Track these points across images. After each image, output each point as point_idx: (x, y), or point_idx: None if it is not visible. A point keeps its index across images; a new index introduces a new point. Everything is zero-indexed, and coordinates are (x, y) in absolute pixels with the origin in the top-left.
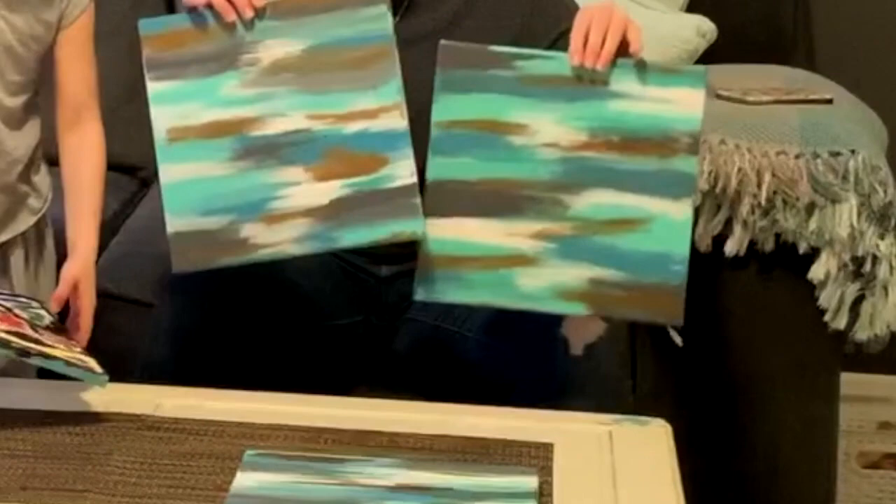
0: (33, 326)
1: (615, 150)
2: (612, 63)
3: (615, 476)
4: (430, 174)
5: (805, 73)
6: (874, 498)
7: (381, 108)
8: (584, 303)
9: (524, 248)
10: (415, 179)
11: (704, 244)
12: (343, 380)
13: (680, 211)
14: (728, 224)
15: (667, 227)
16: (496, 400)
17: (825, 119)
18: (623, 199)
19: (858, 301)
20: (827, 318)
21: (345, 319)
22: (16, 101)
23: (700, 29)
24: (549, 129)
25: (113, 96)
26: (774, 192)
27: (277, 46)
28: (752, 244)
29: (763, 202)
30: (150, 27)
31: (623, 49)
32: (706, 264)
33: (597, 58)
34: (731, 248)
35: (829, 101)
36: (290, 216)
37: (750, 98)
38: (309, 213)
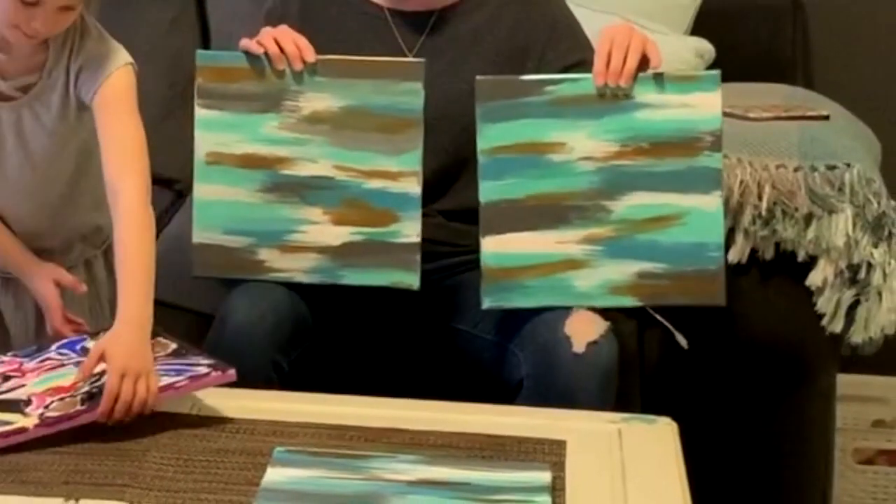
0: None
1: (645, 156)
2: (634, 78)
3: (624, 471)
4: (483, 197)
5: (803, 91)
6: (868, 492)
7: (400, 172)
8: (634, 295)
9: (574, 253)
10: (419, 240)
11: None
12: (374, 376)
13: (711, 203)
14: (731, 233)
15: (700, 219)
16: (507, 395)
17: (822, 134)
18: (658, 199)
19: (854, 306)
20: (824, 322)
21: (378, 324)
22: (67, 174)
23: (699, 50)
24: (584, 143)
25: (150, 115)
26: (774, 203)
27: (319, 100)
28: (754, 252)
29: (764, 213)
30: (206, 59)
31: (643, 65)
32: None
33: (619, 76)
34: (733, 255)
35: (826, 118)
36: (304, 249)
37: (751, 115)
38: (321, 249)
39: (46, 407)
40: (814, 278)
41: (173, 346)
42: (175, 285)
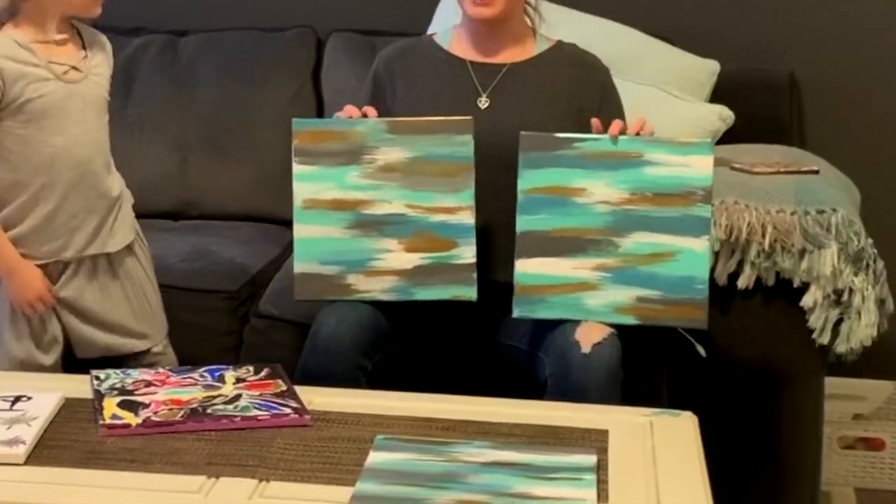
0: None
1: (650, 203)
2: (643, 141)
3: (655, 455)
4: (519, 228)
5: (798, 150)
6: (850, 471)
7: (458, 207)
8: (633, 315)
9: (588, 278)
10: (474, 260)
11: (722, 280)
12: (438, 375)
13: (700, 245)
14: (740, 264)
15: (691, 257)
16: (537, 391)
17: (813, 185)
18: (658, 239)
19: (838, 323)
20: (814, 335)
21: (451, 338)
22: (107, 142)
23: (721, 115)
24: (601, 190)
25: (274, 171)
26: (775, 241)
27: (391, 153)
28: (758, 280)
29: (766, 248)
30: (301, 125)
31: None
32: (723, 295)
33: (628, 130)
34: (742, 282)
35: (816, 172)
36: (383, 273)
37: (756, 170)
38: (397, 272)
39: (155, 413)
40: (806, 300)
41: (283, 387)
42: (295, 307)
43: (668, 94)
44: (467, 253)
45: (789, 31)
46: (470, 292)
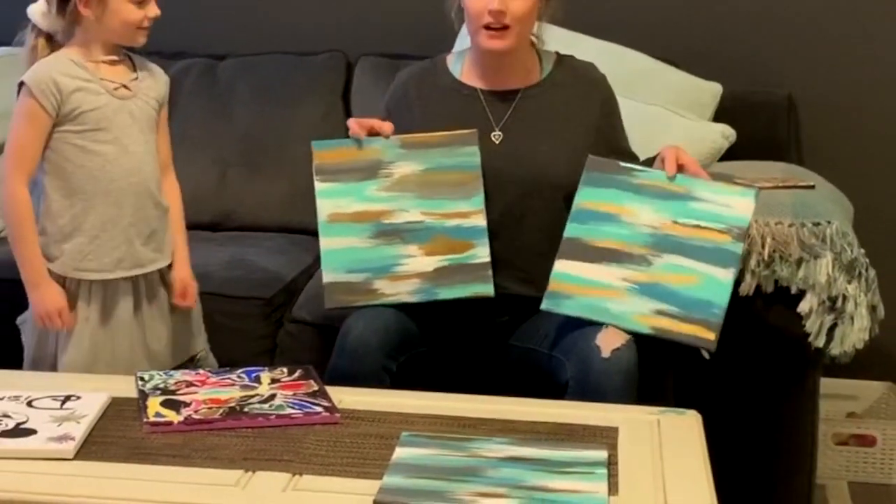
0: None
1: (689, 232)
2: (695, 182)
3: (662, 451)
4: (567, 233)
5: (796, 167)
6: (843, 466)
7: (470, 211)
8: (649, 326)
9: (617, 285)
10: (489, 259)
11: None
12: (462, 378)
13: (725, 275)
14: (741, 273)
15: (714, 284)
16: (556, 392)
17: (810, 199)
18: (688, 263)
19: (833, 327)
20: (810, 339)
21: (471, 341)
22: (155, 159)
23: (724, 133)
24: (648, 215)
25: (306, 185)
26: (774, 251)
27: (405, 166)
28: (758, 287)
29: (766, 258)
30: (320, 146)
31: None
32: None
33: (678, 170)
34: (743, 289)
35: (812, 187)
36: (407, 277)
37: (756, 185)
38: (419, 275)
39: (195, 411)
40: (803, 306)
41: (315, 387)
42: (325, 313)
43: (673, 113)
44: (482, 252)
45: (788, 56)
46: (487, 289)
